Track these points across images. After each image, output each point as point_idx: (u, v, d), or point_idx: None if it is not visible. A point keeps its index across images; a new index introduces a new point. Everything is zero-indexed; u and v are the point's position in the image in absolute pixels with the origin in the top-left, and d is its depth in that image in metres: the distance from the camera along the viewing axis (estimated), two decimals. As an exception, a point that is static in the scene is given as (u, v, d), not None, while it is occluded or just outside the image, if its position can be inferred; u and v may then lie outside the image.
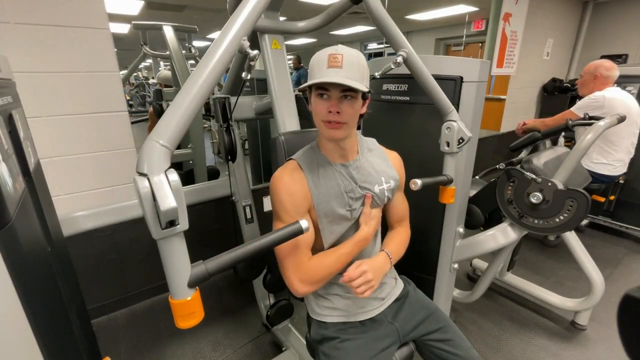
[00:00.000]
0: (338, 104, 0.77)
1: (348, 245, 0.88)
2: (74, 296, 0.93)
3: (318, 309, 0.98)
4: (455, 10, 5.16)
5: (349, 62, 0.76)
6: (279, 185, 0.83)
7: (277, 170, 0.87)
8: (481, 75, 1.22)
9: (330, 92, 0.77)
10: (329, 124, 0.79)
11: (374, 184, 0.91)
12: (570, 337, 1.77)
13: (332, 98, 0.77)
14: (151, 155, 0.53)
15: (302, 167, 0.87)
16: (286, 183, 0.83)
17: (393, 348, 0.96)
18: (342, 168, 0.89)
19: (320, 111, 0.79)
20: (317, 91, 0.78)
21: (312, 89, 0.79)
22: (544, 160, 1.51)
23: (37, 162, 0.91)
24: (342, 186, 0.88)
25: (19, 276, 0.53)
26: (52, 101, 1.47)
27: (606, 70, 2.10)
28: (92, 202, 1.66)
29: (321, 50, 0.80)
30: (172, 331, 1.80)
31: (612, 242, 2.71)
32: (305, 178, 0.85)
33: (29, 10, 1.35)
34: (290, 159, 0.90)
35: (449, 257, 1.42)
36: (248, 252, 0.63)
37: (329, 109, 0.77)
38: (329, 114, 0.78)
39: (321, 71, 0.76)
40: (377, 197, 0.92)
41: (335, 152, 0.88)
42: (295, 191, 0.83)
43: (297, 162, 0.87)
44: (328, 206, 0.87)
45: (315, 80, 0.75)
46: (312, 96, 0.81)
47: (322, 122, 0.80)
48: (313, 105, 0.82)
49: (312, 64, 0.79)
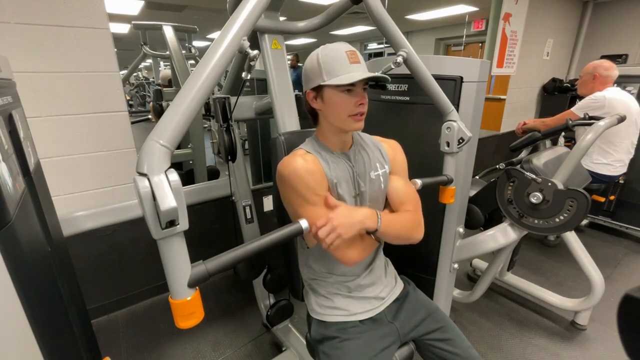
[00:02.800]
0: (365, 96, 0.81)
1: None
2: (74, 296, 0.93)
3: (318, 308, 0.98)
4: (455, 10, 5.16)
5: (360, 57, 0.80)
6: (296, 167, 0.81)
7: (285, 158, 0.85)
8: (481, 75, 1.22)
9: (356, 87, 0.79)
10: (358, 116, 0.81)
11: (368, 172, 0.92)
12: (570, 337, 1.77)
13: (357, 92, 0.80)
14: (151, 155, 0.53)
15: (311, 152, 0.87)
16: (301, 163, 0.82)
17: (393, 347, 0.96)
18: (344, 156, 0.90)
19: (347, 106, 0.80)
20: (343, 87, 0.79)
21: (329, 86, 0.79)
22: (544, 160, 1.51)
23: (37, 162, 0.91)
24: (349, 172, 0.89)
25: (19, 276, 0.53)
26: (52, 101, 1.47)
27: (605, 70, 2.10)
28: (92, 202, 1.66)
29: (326, 46, 0.81)
30: (172, 331, 1.80)
31: (612, 242, 2.71)
32: (317, 159, 0.85)
33: (29, 10, 1.35)
34: (297, 149, 0.90)
35: (449, 257, 1.42)
36: (248, 252, 0.63)
37: (360, 101, 0.80)
38: (360, 106, 0.80)
39: (345, 67, 0.77)
40: (373, 183, 0.92)
41: (338, 144, 0.89)
42: (314, 169, 0.83)
43: (304, 149, 0.88)
44: (342, 189, 0.87)
45: (353, 77, 0.76)
46: (333, 93, 0.80)
47: (349, 116, 0.81)
48: (333, 102, 0.81)
49: (326, 61, 0.78)
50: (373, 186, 0.92)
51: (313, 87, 0.82)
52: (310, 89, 0.83)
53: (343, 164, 0.89)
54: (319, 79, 0.80)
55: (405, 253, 1.02)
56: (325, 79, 0.78)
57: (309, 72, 0.83)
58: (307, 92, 0.85)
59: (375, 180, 0.92)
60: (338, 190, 0.86)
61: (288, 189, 0.84)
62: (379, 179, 0.93)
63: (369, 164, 0.92)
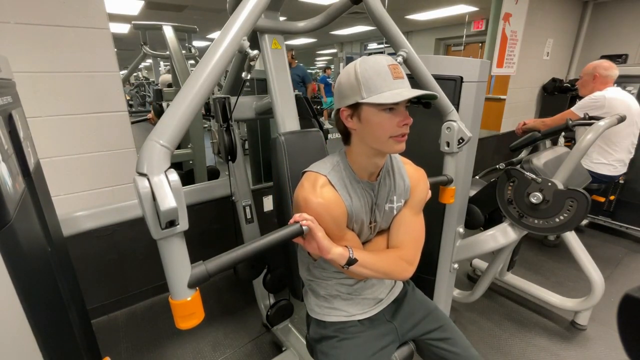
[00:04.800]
0: (409, 116, 0.75)
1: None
2: (74, 296, 0.93)
3: (317, 309, 0.98)
4: (455, 10, 5.17)
5: (402, 71, 0.74)
6: (317, 208, 0.76)
7: (305, 184, 0.79)
8: (481, 75, 1.22)
9: (399, 105, 0.73)
10: (400, 137, 0.75)
11: (385, 203, 0.88)
12: (570, 337, 1.77)
13: (400, 111, 0.74)
14: (151, 155, 0.53)
15: (334, 184, 0.80)
16: (322, 204, 0.76)
17: (392, 347, 0.97)
18: (368, 187, 0.85)
19: (389, 126, 0.73)
20: (385, 106, 0.71)
21: (369, 104, 0.72)
22: (544, 160, 1.51)
23: (37, 162, 0.91)
24: (368, 204, 0.85)
25: (19, 276, 0.53)
26: (52, 101, 1.47)
27: (605, 69, 2.10)
28: (92, 202, 1.66)
29: (366, 58, 0.74)
30: (172, 331, 1.80)
31: (612, 242, 2.71)
32: (340, 196, 0.80)
33: (29, 10, 1.35)
34: (318, 173, 0.81)
35: (449, 257, 1.42)
36: (248, 253, 0.64)
37: (404, 122, 0.73)
38: (403, 127, 0.74)
39: (387, 83, 0.71)
40: (386, 215, 0.90)
41: (368, 169, 0.83)
42: (335, 211, 0.78)
43: (328, 179, 0.80)
44: (358, 219, 0.84)
45: (401, 95, 0.69)
46: (373, 111, 0.73)
47: (391, 137, 0.74)
48: (373, 122, 0.73)
49: (366, 76, 0.71)
50: (385, 217, 0.90)
51: (349, 104, 0.75)
52: (345, 106, 0.76)
53: (365, 196, 0.84)
54: (356, 96, 0.72)
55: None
56: (365, 97, 0.71)
57: (344, 88, 0.75)
58: (342, 110, 0.77)
59: (388, 212, 0.90)
60: (353, 222, 0.84)
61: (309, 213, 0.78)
62: (392, 211, 0.90)
63: (387, 194, 0.88)
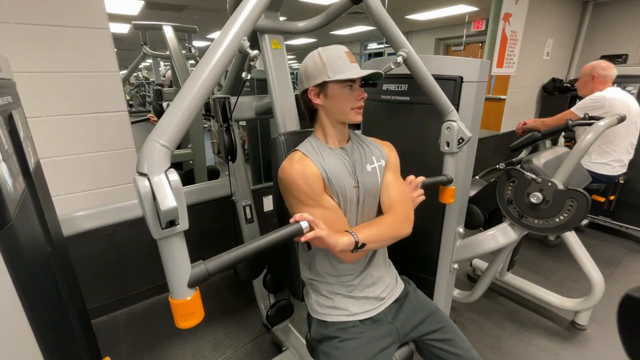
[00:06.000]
0: (363, 91, 0.90)
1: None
2: (74, 296, 0.93)
3: (318, 308, 0.98)
4: (455, 10, 5.15)
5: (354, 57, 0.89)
6: (292, 174, 0.85)
7: (284, 162, 0.90)
8: (481, 75, 1.22)
9: (355, 83, 0.88)
10: (358, 109, 0.90)
11: (364, 165, 0.94)
12: (570, 337, 1.77)
13: (356, 88, 0.89)
14: (151, 155, 0.53)
15: (307, 154, 0.90)
16: (298, 169, 0.85)
17: (393, 348, 0.96)
18: (341, 151, 0.94)
19: (350, 100, 0.88)
20: (345, 83, 0.87)
21: (333, 82, 0.86)
22: (544, 160, 1.51)
23: (37, 162, 0.91)
24: (346, 165, 0.92)
25: (19, 276, 0.53)
26: (52, 101, 1.47)
27: (603, 69, 2.10)
28: (92, 202, 1.66)
29: (329, 47, 0.88)
30: (172, 331, 1.80)
31: (612, 242, 2.71)
32: (313, 162, 0.88)
33: (29, 10, 1.35)
34: (294, 150, 0.93)
35: (449, 257, 1.42)
36: (248, 252, 0.63)
37: (361, 96, 0.89)
38: (360, 100, 0.89)
39: (347, 65, 0.85)
40: (370, 176, 0.94)
41: (336, 136, 0.94)
42: (309, 175, 0.86)
43: (301, 151, 0.91)
44: (339, 183, 0.89)
45: (359, 72, 0.84)
46: (337, 88, 0.87)
47: (352, 109, 0.89)
48: (337, 97, 0.88)
49: (331, 59, 0.85)
50: (370, 178, 0.94)
51: (317, 83, 0.87)
52: (313, 85, 0.88)
53: (340, 158, 0.93)
54: (323, 76, 0.86)
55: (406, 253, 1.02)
56: (331, 76, 0.85)
57: (311, 70, 0.88)
58: (309, 90, 0.89)
59: (371, 173, 0.94)
60: (334, 186, 0.88)
61: (286, 193, 0.89)
62: (375, 171, 0.95)
63: (364, 157, 0.96)
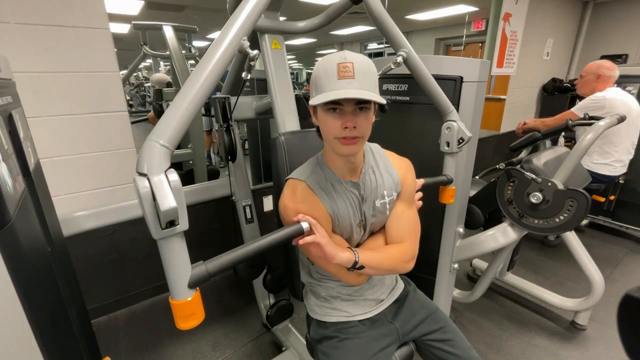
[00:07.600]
0: (353, 118, 0.70)
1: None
2: (74, 296, 0.93)
3: (318, 309, 0.98)
4: (455, 10, 5.16)
5: (361, 70, 0.68)
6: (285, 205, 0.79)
7: (285, 193, 0.80)
8: (481, 75, 1.22)
9: (344, 106, 0.70)
10: (344, 139, 0.72)
11: (374, 200, 0.86)
12: (570, 337, 1.77)
13: (345, 112, 0.70)
14: (151, 155, 0.53)
15: (314, 188, 0.80)
16: (303, 210, 0.76)
17: (392, 347, 0.96)
18: (352, 187, 0.84)
19: (333, 127, 0.71)
20: (327, 106, 0.70)
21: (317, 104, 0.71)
22: (544, 160, 1.51)
23: (37, 162, 0.91)
24: (354, 203, 0.85)
25: (19, 276, 0.53)
26: (52, 101, 1.47)
27: (608, 70, 2.10)
28: (92, 202, 1.66)
29: (326, 57, 0.73)
30: (172, 331, 1.80)
31: (612, 242, 2.71)
32: (320, 201, 0.79)
33: (29, 10, 1.35)
34: (298, 179, 0.81)
35: (449, 257, 1.42)
36: (248, 253, 0.63)
37: (345, 124, 0.70)
38: (345, 130, 0.70)
39: (331, 83, 0.68)
40: (378, 211, 0.88)
41: (345, 168, 0.82)
42: (318, 218, 0.77)
43: (307, 184, 0.80)
44: (345, 222, 0.84)
45: (327, 96, 0.66)
46: (320, 110, 0.73)
47: (336, 139, 0.73)
48: (322, 121, 0.74)
49: (317, 74, 0.71)
50: (377, 214, 0.88)
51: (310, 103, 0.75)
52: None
53: (349, 196, 0.83)
54: (312, 95, 0.73)
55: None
56: (313, 94, 0.72)
57: (310, 84, 0.76)
58: (310, 107, 0.78)
59: (379, 209, 0.87)
60: (339, 224, 0.83)
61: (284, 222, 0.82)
62: (385, 206, 0.88)
63: (376, 191, 0.86)
